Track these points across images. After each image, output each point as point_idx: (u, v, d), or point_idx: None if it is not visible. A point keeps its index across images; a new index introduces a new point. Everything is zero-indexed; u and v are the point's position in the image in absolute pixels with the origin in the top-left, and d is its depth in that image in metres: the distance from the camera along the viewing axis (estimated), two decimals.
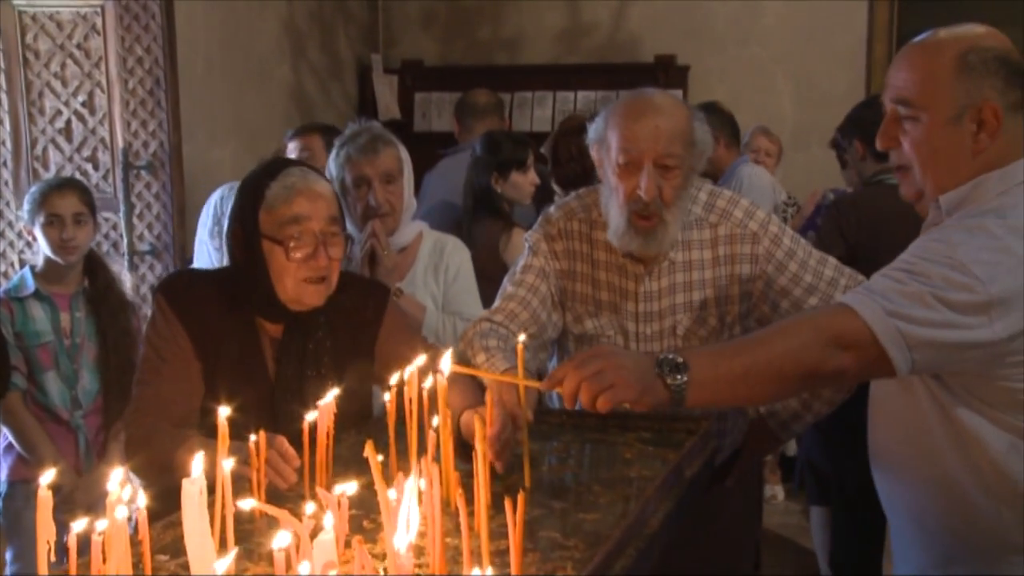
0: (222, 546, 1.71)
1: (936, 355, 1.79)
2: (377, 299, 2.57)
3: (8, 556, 3.27)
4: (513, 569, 1.43)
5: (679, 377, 1.84)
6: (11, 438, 3.40)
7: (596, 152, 2.51)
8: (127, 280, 4.43)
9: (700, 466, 2.25)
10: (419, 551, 1.68)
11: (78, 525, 1.51)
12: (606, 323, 2.58)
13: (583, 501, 2.02)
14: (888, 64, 2.17)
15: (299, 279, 2.32)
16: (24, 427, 3.35)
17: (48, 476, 1.41)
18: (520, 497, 1.44)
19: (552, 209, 2.69)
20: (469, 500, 1.66)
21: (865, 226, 3.67)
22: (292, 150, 3.94)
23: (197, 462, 1.58)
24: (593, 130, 2.52)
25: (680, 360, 1.85)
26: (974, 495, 1.86)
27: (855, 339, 1.79)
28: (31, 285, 3.44)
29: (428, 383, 2.08)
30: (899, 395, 1.95)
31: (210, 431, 2.20)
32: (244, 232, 2.34)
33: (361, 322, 2.50)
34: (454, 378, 2.08)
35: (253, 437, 1.94)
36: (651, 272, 2.53)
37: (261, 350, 2.38)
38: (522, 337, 2.20)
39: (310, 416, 2.03)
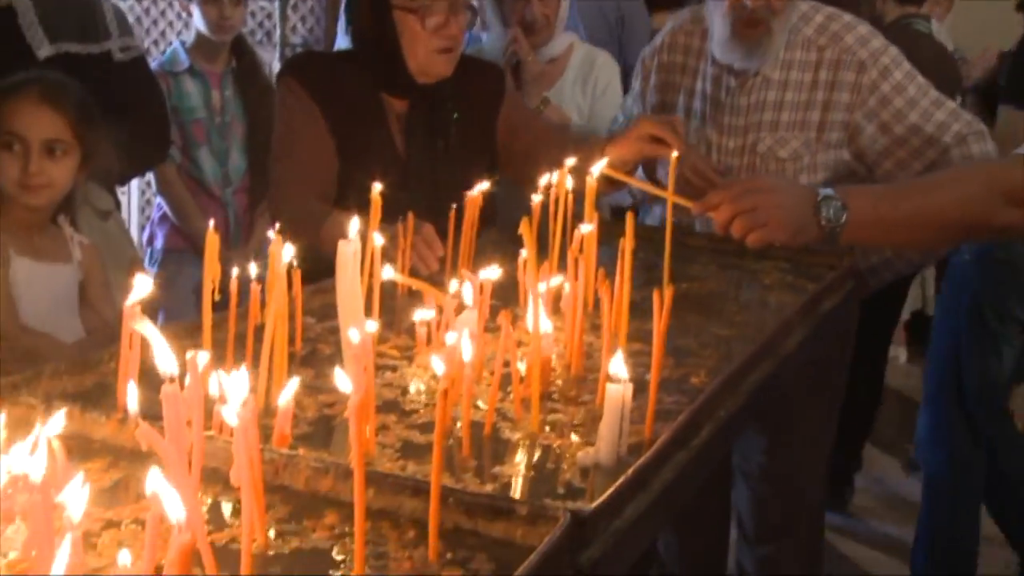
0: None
1: None
2: (497, 74, 2.62)
3: (160, 319, 3.44)
4: (654, 361, 1.45)
5: (838, 217, 1.81)
6: (166, 208, 3.54)
7: None
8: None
9: (838, 302, 2.21)
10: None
11: (235, 271, 1.57)
12: (692, 132, 2.56)
13: (719, 318, 2.02)
14: None
15: (431, 48, 2.33)
16: (179, 198, 3.49)
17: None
18: (668, 290, 1.44)
19: (668, 23, 2.72)
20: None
21: None
22: None
23: (353, 226, 1.62)
24: None
25: (840, 200, 1.81)
26: None
27: None
28: (185, 60, 3.51)
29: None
30: None
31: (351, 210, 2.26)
32: (372, 3, 2.34)
33: (484, 95, 2.53)
34: None
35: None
36: (743, 85, 2.49)
37: (388, 127, 2.41)
38: (675, 153, 2.19)
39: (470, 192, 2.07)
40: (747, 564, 2.64)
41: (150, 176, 4.71)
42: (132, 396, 0.97)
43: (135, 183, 4.82)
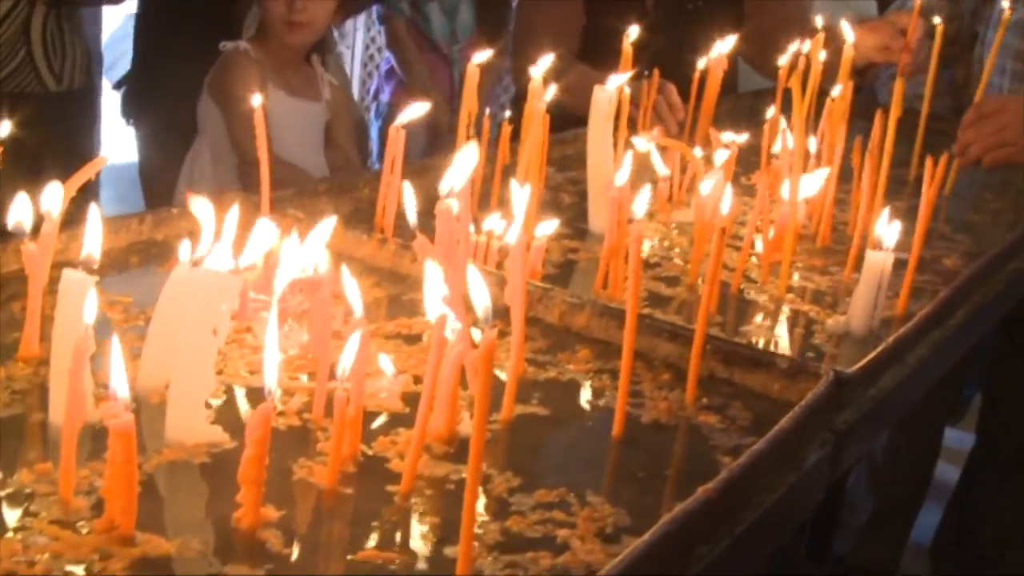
0: None
1: None
2: None
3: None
4: (918, 231, 1.38)
5: None
6: (394, 62, 3.57)
7: None
8: None
9: None
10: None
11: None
12: None
13: (972, 203, 1.92)
14: None
15: None
16: (406, 53, 3.50)
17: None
18: (944, 157, 1.36)
19: None
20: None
21: None
22: None
23: (610, 79, 1.59)
24: None
25: None
26: None
27: None
28: None
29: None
30: None
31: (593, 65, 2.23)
32: None
33: None
34: None
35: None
36: None
37: None
38: (939, 19, 2.05)
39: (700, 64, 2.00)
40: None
41: (374, 31, 4.79)
42: (411, 204, 0.99)
43: (360, 37, 4.89)
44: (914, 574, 2.61)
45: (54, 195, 0.98)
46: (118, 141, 3.39)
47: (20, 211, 0.97)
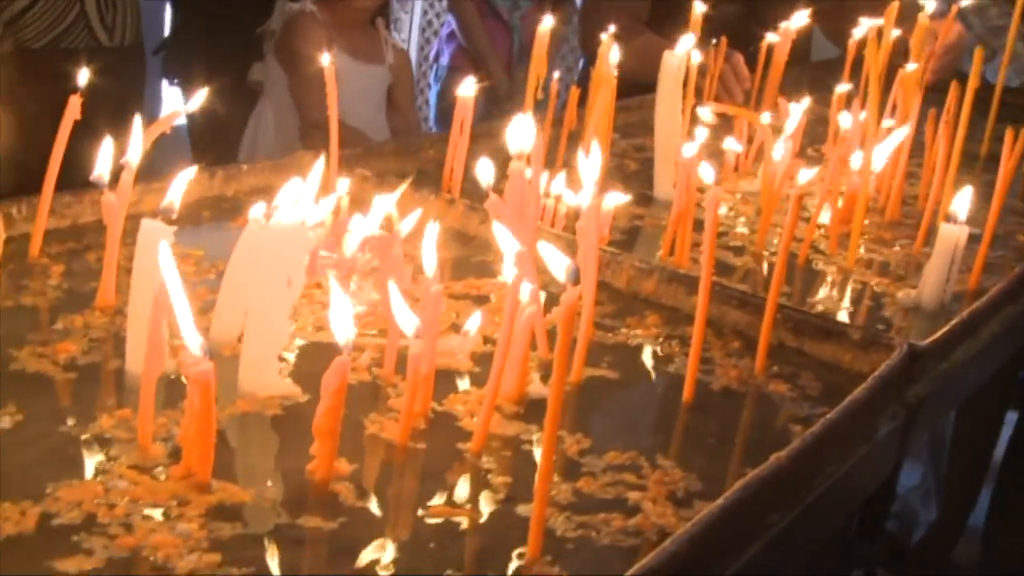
0: None
1: None
2: None
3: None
4: (994, 204, 1.35)
5: None
6: (455, 26, 3.56)
7: None
8: None
9: None
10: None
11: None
12: None
13: None
14: None
15: None
16: (468, 17, 3.49)
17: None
18: None
19: None
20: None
21: None
22: None
23: (679, 43, 1.57)
24: None
25: None
26: None
27: None
28: None
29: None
30: None
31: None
32: None
33: None
34: None
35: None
36: None
37: None
38: None
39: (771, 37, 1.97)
40: None
41: None
42: (486, 169, 0.98)
43: (418, 3, 4.88)
44: (965, 558, 2.59)
45: (134, 146, 0.99)
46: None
47: (101, 163, 0.98)
